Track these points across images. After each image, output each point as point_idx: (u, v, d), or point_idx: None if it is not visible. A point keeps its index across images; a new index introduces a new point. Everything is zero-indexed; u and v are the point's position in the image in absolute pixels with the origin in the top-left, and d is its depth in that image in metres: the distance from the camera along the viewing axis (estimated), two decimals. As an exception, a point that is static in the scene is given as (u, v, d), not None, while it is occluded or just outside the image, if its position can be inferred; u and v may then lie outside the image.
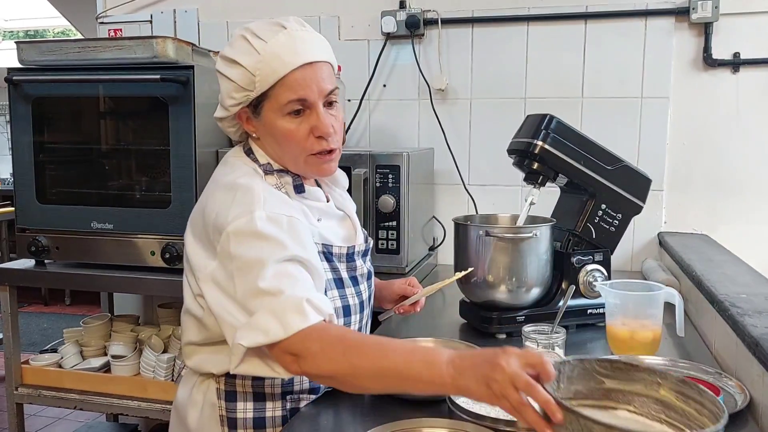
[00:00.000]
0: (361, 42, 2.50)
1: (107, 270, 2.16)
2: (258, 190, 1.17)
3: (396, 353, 1.02)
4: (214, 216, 1.16)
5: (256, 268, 1.10)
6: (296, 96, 1.19)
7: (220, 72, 1.23)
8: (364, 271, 1.36)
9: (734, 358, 1.33)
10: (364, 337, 1.11)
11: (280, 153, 1.25)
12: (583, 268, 1.67)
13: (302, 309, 1.06)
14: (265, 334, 1.06)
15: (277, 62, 1.17)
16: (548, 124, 1.64)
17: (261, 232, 1.11)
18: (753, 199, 2.24)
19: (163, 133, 2.05)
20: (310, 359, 1.06)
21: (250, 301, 1.09)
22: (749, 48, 2.20)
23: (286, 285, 1.09)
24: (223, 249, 1.13)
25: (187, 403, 1.28)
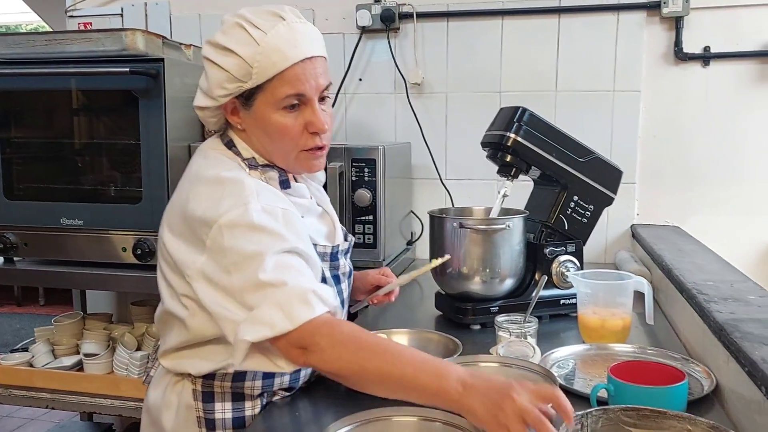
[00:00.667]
0: (336, 36, 2.49)
1: (78, 267, 2.13)
2: (249, 183, 1.14)
3: (407, 362, 1.00)
4: (201, 210, 1.11)
5: (256, 261, 1.06)
6: (294, 91, 1.15)
7: (210, 59, 1.17)
8: (346, 270, 1.33)
9: (701, 344, 1.35)
10: (377, 340, 1.06)
11: (270, 147, 1.21)
12: (556, 259, 1.68)
13: (308, 300, 1.04)
14: (271, 328, 1.03)
15: (277, 55, 1.13)
16: (521, 117, 1.65)
17: (257, 224, 1.08)
18: (722, 190, 2.28)
19: (133, 128, 2.02)
20: (318, 353, 1.03)
21: (251, 294, 1.05)
22: (719, 42, 2.23)
23: (289, 276, 1.06)
24: (215, 243, 1.08)
25: (160, 404, 1.24)
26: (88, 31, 2.26)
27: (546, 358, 1.33)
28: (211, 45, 1.18)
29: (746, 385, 1.02)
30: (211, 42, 1.18)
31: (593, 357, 1.38)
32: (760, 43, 2.20)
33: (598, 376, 1.28)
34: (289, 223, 1.13)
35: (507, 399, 0.87)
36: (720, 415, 1.13)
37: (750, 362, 0.98)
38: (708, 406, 1.15)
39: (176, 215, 1.17)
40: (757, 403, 0.98)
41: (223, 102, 1.19)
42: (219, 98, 1.18)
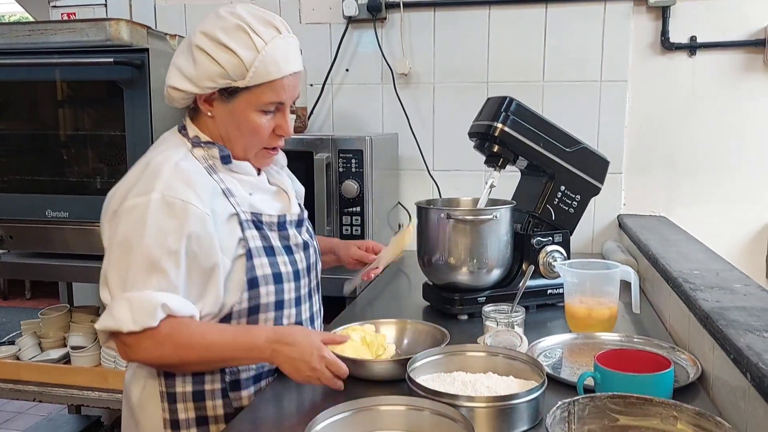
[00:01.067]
0: (323, 26, 2.48)
1: (65, 260, 2.11)
2: (165, 170, 1.20)
3: (223, 346, 1.20)
4: (118, 192, 1.23)
5: (131, 254, 1.16)
6: (278, 99, 1.26)
7: (206, 51, 1.22)
8: (299, 241, 1.38)
9: (687, 332, 1.36)
10: (193, 335, 1.19)
11: (236, 138, 1.29)
12: (543, 249, 1.69)
13: (154, 313, 1.15)
14: (116, 322, 1.14)
15: (273, 66, 1.22)
16: (508, 107, 1.65)
17: (150, 215, 1.16)
18: (707, 180, 2.29)
19: (118, 119, 2.00)
20: (141, 352, 1.18)
21: (117, 282, 1.17)
22: (705, 32, 2.24)
23: (153, 283, 1.16)
24: (113, 223, 1.20)
25: (131, 381, 1.33)
26: (71, 21, 2.23)
27: (533, 347, 1.34)
28: (210, 39, 1.22)
29: (731, 372, 1.03)
30: (209, 35, 1.22)
31: (580, 346, 1.39)
32: (746, 33, 2.21)
33: (585, 364, 1.29)
34: (184, 216, 1.18)
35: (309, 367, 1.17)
36: (705, 402, 1.14)
37: (735, 349, 0.99)
38: (694, 393, 1.16)
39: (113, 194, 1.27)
40: (742, 390, 0.99)
41: (207, 92, 1.25)
42: (205, 89, 1.24)
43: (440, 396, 1.03)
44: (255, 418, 1.14)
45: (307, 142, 2.04)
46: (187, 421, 1.27)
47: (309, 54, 2.35)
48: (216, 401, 1.27)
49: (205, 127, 1.31)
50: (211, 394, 1.27)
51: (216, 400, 1.27)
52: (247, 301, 1.26)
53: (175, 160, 1.23)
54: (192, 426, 1.27)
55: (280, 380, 1.29)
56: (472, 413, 1.00)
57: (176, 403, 1.27)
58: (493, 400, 1.02)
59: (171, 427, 1.27)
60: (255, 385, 1.31)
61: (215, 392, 1.27)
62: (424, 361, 1.18)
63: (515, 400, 1.02)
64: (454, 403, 1.00)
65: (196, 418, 1.27)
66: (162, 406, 1.27)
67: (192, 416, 1.27)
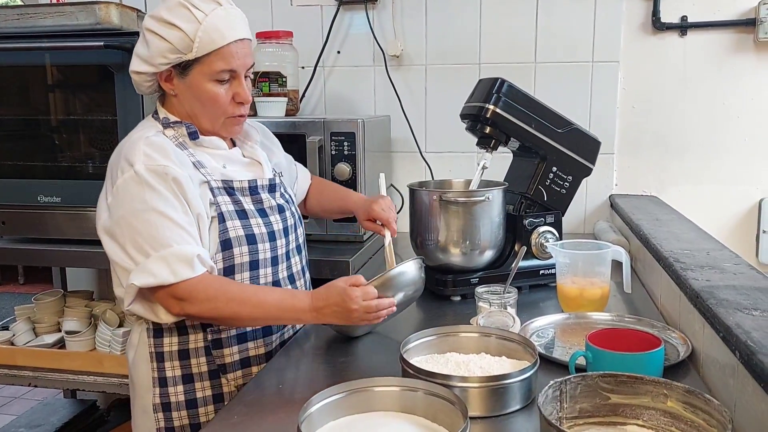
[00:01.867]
0: (314, 8, 2.46)
1: (57, 245, 2.11)
2: (140, 145, 1.29)
3: (269, 305, 1.28)
4: (110, 172, 1.32)
5: (144, 218, 1.24)
6: (228, 66, 1.33)
7: (153, 31, 1.31)
8: (273, 204, 1.46)
9: (678, 312, 1.38)
10: (244, 290, 1.30)
11: (200, 112, 1.37)
12: (535, 230, 1.70)
13: (192, 262, 1.24)
14: (155, 277, 1.22)
15: (216, 34, 1.30)
16: (499, 88, 1.65)
17: (143, 181, 1.25)
18: (698, 160, 2.30)
19: (110, 103, 1.99)
20: (196, 304, 1.25)
21: (141, 248, 1.23)
22: (696, 11, 2.23)
23: (176, 236, 1.24)
24: (114, 200, 1.27)
25: (128, 345, 1.44)
26: (61, 4, 2.19)
27: (525, 327, 1.35)
28: (154, 18, 1.32)
29: (721, 350, 1.05)
30: (154, 16, 1.33)
31: (572, 326, 1.40)
32: (736, 13, 2.21)
33: (577, 344, 1.30)
34: (171, 179, 1.27)
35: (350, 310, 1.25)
36: (695, 380, 1.16)
37: (725, 327, 1.00)
38: (684, 371, 1.18)
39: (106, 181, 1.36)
40: (731, 367, 1.01)
41: (162, 69, 1.34)
42: (159, 65, 1.33)
43: (434, 377, 1.04)
44: (249, 400, 1.15)
45: (299, 125, 2.04)
46: (174, 378, 1.36)
47: (300, 37, 2.36)
48: (200, 359, 1.37)
49: (173, 107, 1.40)
50: (195, 352, 1.37)
51: (200, 357, 1.37)
52: (222, 261, 1.34)
53: (147, 136, 1.32)
54: (179, 383, 1.37)
55: (272, 362, 1.31)
56: (466, 393, 1.02)
57: (164, 362, 1.36)
58: (486, 380, 1.03)
59: (159, 384, 1.37)
60: (239, 345, 1.39)
61: (198, 350, 1.37)
62: (417, 342, 1.20)
63: (508, 380, 1.03)
64: (448, 383, 1.02)
65: (182, 376, 1.37)
66: (151, 365, 1.37)
67: (179, 374, 1.37)
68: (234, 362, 1.39)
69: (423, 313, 1.62)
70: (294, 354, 1.37)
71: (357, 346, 1.40)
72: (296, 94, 2.30)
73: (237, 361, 1.39)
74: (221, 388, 1.38)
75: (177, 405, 1.36)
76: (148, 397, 1.37)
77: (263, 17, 2.47)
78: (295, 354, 1.37)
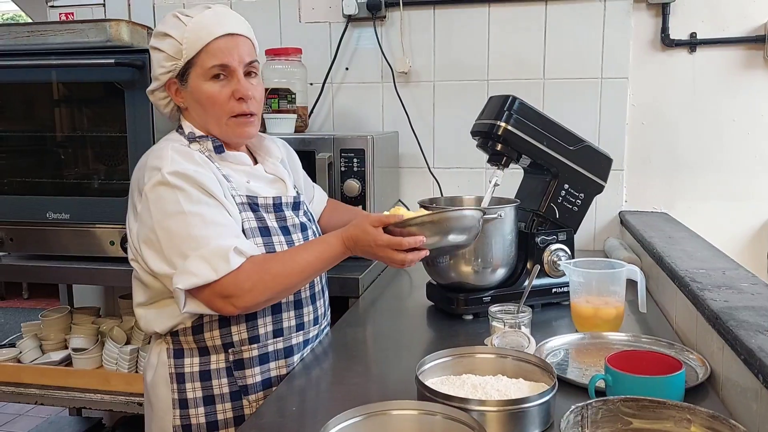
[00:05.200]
0: (322, 24, 2.47)
1: (65, 261, 2.10)
2: (167, 150, 1.31)
3: (312, 263, 1.31)
4: (137, 181, 1.32)
5: (178, 218, 1.24)
6: (218, 62, 1.33)
7: (153, 46, 1.36)
8: (296, 222, 1.46)
9: (694, 332, 1.36)
10: (283, 261, 1.31)
11: (205, 117, 1.38)
12: (548, 248, 1.69)
13: (227, 256, 1.23)
14: (197, 277, 1.22)
15: (202, 32, 1.32)
16: (511, 105, 1.65)
17: (173, 184, 1.25)
18: (709, 176, 2.29)
19: (119, 120, 1.99)
20: (246, 296, 1.25)
21: (179, 249, 1.23)
22: (705, 28, 2.23)
23: (213, 232, 1.24)
24: (144, 207, 1.27)
25: (147, 366, 1.43)
26: (71, 22, 2.21)
27: (540, 347, 1.34)
28: (153, 35, 1.38)
29: (742, 373, 1.03)
30: (153, 33, 1.38)
31: (587, 346, 1.38)
32: (745, 30, 2.21)
33: (592, 365, 1.29)
34: (201, 181, 1.28)
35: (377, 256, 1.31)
36: (715, 403, 1.14)
37: (747, 350, 0.99)
38: (703, 394, 1.16)
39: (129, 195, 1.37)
40: (754, 391, 0.99)
41: (164, 80, 1.36)
42: (161, 77, 1.36)
43: (451, 400, 1.02)
44: (262, 423, 1.13)
45: (308, 142, 2.03)
46: (195, 399, 1.35)
47: (308, 53, 2.37)
48: (222, 380, 1.36)
49: (193, 121, 1.41)
50: (216, 373, 1.36)
51: (222, 378, 1.36)
52: None
53: (174, 146, 1.34)
54: (200, 404, 1.35)
55: (286, 384, 1.29)
56: (484, 417, 1.00)
57: (185, 383, 1.35)
58: (505, 404, 1.02)
59: (180, 406, 1.35)
60: (261, 366, 1.38)
61: (220, 371, 1.36)
62: (433, 363, 1.18)
63: (527, 404, 1.02)
64: (465, 407, 1.00)
65: (203, 397, 1.35)
66: (171, 387, 1.35)
67: (200, 395, 1.35)
68: (256, 383, 1.37)
69: (434, 332, 1.61)
70: (310, 374, 1.35)
71: (371, 365, 1.39)
72: (305, 110, 2.30)
73: (259, 382, 1.37)
74: (242, 410, 1.36)
75: (198, 427, 1.34)
76: (167, 419, 1.35)
77: (272, 34, 2.48)
78: (312, 374, 1.35)
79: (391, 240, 1.29)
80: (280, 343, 1.41)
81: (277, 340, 1.40)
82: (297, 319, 1.44)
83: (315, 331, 1.50)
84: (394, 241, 1.29)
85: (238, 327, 1.35)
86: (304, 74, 2.31)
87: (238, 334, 1.36)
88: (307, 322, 1.46)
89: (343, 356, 1.45)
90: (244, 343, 1.36)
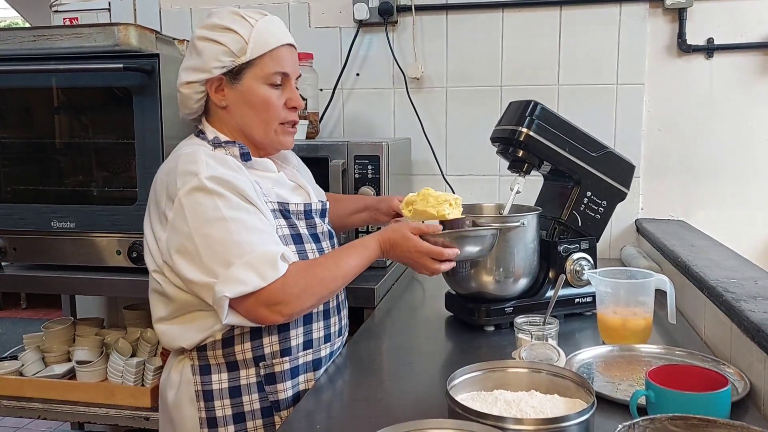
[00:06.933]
0: (333, 30, 2.43)
1: (69, 272, 2.04)
2: (200, 155, 1.25)
3: (354, 267, 1.32)
4: (165, 187, 1.25)
5: (219, 225, 1.19)
6: (281, 69, 1.34)
7: (207, 37, 1.31)
8: (324, 230, 1.44)
9: (729, 344, 1.31)
10: (327, 266, 1.30)
11: (253, 119, 1.34)
12: (570, 257, 1.64)
13: (275, 262, 1.19)
14: (245, 284, 1.16)
15: (269, 36, 1.32)
16: (533, 111, 1.60)
17: (212, 190, 1.20)
18: (727, 183, 2.25)
19: (126, 126, 1.94)
20: (294, 302, 1.22)
21: (222, 256, 1.18)
22: (723, 33, 2.20)
23: (256, 239, 1.20)
24: (178, 214, 1.21)
25: (165, 385, 1.35)
26: (78, 26, 2.16)
27: (570, 360, 1.29)
28: (208, 28, 1.32)
29: (790, 389, 0.98)
30: (207, 26, 1.33)
31: (617, 359, 1.33)
32: (764, 35, 2.17)
33: (623, 379, 1.24)
34: (239, 186, 1.24)
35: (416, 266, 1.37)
36: (757, 419, 1.09)
37: (797, 365, 0.94)
38: (743, 410, 1.11)
39: (151, 202, 1.31)
40: (805, 408, 0.94)
41: (217, 74, 1.31)
42: (213, 70, 1.31)
43: (485, 418, 0.97)
44: (286, 440, 1.08)
45: (321, 148, 1.99)
46: (225, 418, 1.29)
47: (319, 59, 2.32)
48: (252, 395, 1.30)
49: (222, 124, 1.36)
50: (247, 389, 1.30)
51: (252, 394, 1.30)
52: None
53: (205, 150, 1.29)
54: (230, 423, 1.29)
55: (312, 398, 1.24)
56: (521, 436, 0.95)
57: (213, 401, 1.29)
58: (543, 422, 0.96)
59: (208, 425, 1.29)
60: (292, 380, 1.33)
61: (251, 386, 1.30)
62: (463, 378, 1.12)
63: (566, 422, 0.96)
64: (501, 425, 0.95)
65: (233, 415, 1.29)
66: (198, 405, 1.29)
67: (229, 413, 1.29)
68: (287, 398, 1.31)
69: (455, 345, 1.56)
70: (334, 387, 1.30)
71: (393, 381, 1.34)
72: (316, 116, 2.25)
73: (290, 397, 1.32)
74: (274, 426, 1.30)
75: None
76: None
77: None
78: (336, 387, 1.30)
79: (431, 249, 1.33)
80: (310, 356, 1.37)
81: (307, 352, 1.36)
82: (325, 330, 1.40)
83: (339, 342, 1.46)
84: (434, 251, 1.33)
85: (270, 338, 1.30)
86: (315, 80, 2.26)
87: (270, 346, 1.31)
88: (333, 332, 1.43)
89: (364, 370, 1.40)
90: (276, 355, 1.31)
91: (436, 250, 1.34)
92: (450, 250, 1.35)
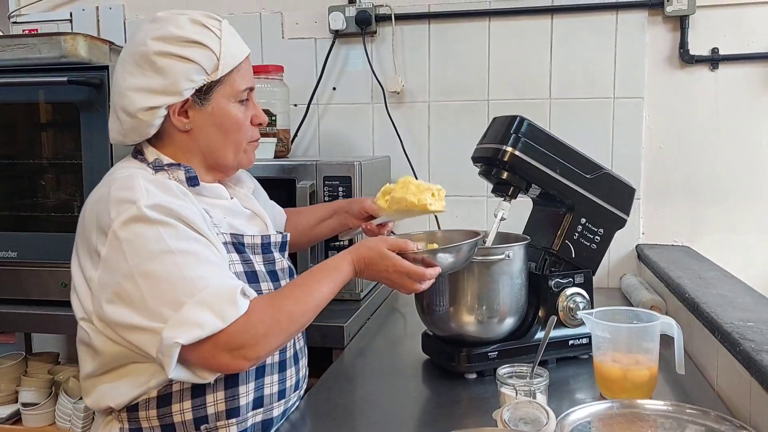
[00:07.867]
0: (308, 41, 2.26)
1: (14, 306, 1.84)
2: (138, 179, 1.08)
3: (325, 294, 1.14)
4: (96, 218, 1.07)
5: (164, 259, 1.01)
6: (248, 84, 1.21)
7: (170, 53, 1.11)
8: (284, 266, 1.29)
9: (748, 400, 1.12)
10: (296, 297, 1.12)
11: (222, 142, 1.20)
12: (563, 293, 1.45)
13: (234, 299, 1.02)
14: (200, 327, 0.99)
15: (235, 48, 1.18)
16: (518, 128, 1.42)
17: (153, 219, 1.03)
18: (735, 205, 2.07)
19: (74, 145, 1.76)
20: (260, 343, 1.04)
21: (169, 296, 1.00)
22: (729, 43, 2.03)
23: (210, 272, 1.03)
24: (114, 250, 1.03)
25: None
26: (22, 36, 1.99)
27: (562, 422, 1.09)
28: (166, 40, 1.12)
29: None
30: (164, 37, 1.12)
31: (617, 417, 1.13)
32: (773, 44, 2.01)
33: (625, 443, 1.04)
34: (184, 214, 1.07)
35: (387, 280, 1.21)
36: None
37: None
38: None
39: (79, 233, 1.12)
40: None
41: (188, 96, 1.14)
42: (184, 92, 1.14)
43: None
44: None
45: (288, 169, 1.81)
46: None
47: (292, 72, 2.15)
48: None
49: (176, 148, 1.19)
50: None
51: None
52: None
53: (143, 174, 1.12)
54: None
55: None
56: None
57: None
58: None
59: None
60: None
61: None
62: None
63: None
64: None
65: None
66: None
67: None
68: None
69: (432, 396, 1.36)
70: None
71: None
72: (287, 133, 2.08)
73: None
74: None
75: None
76: None
77: (253, 51, 2.19)
78: None
79: (412, 269, 1.19)
80: (260, 416, 1.18)
81: (257, 411, 1.17)
82: (280, 385, 1.21)
83: (295, 397, 1.28)
84: (416, 272, 1.19)
85: (215, 396, 1.12)
86: (286, 94, 2.09)
87: (215, 405, 1.12)
88: (289, 387, 1.24)
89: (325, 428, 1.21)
90: (221, 416, 1.12)
91: (418, 271, 1.19)
92: (434, 270, 1.20)
